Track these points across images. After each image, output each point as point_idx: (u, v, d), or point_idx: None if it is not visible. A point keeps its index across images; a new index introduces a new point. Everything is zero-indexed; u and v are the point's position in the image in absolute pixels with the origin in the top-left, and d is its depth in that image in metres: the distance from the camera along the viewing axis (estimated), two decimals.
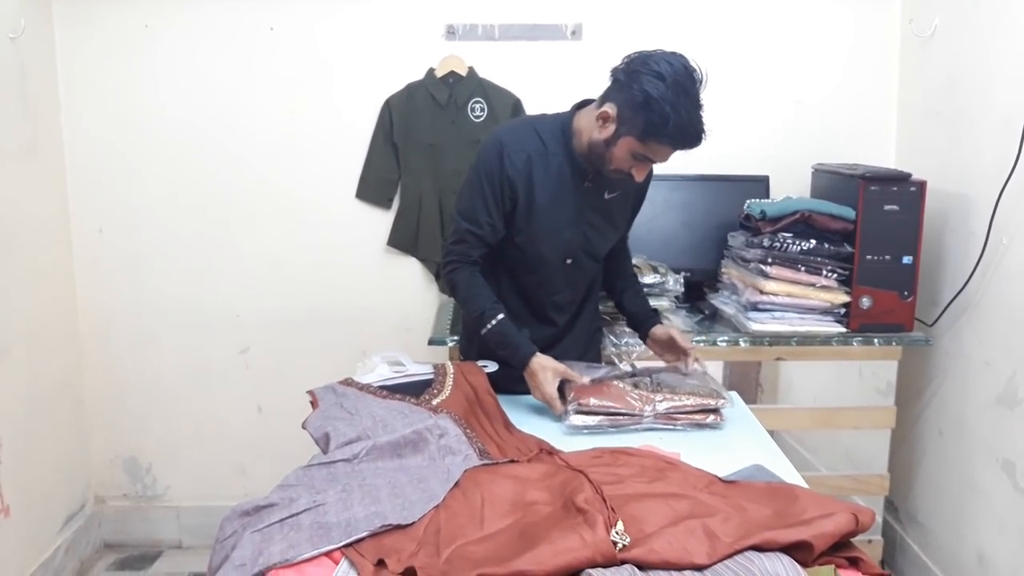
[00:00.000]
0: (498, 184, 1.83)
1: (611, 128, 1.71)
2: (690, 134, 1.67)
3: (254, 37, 2.74)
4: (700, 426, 1.75)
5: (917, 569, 2.63)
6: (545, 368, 1.80)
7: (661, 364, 2.01)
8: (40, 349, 2.65)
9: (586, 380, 1.80)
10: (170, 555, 2.98)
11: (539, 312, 1.98)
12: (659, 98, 1.63)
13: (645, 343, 2.08)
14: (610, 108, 1.70)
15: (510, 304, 1.92)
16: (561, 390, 1.80)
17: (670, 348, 1.99)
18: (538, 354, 1.82)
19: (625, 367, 1.95)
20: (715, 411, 1.77)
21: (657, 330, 2.03)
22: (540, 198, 1.84)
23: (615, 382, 1.80)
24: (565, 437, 1.70)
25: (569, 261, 1.92)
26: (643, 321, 2.06)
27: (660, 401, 1.74)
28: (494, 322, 1.84)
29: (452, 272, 1.90)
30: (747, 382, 3.08)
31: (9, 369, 2.49)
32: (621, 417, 1.73)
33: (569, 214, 1.86)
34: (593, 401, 1.73)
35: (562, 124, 1.85)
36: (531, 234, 1.87)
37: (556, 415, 1.78)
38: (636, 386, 1.79)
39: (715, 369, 3.02)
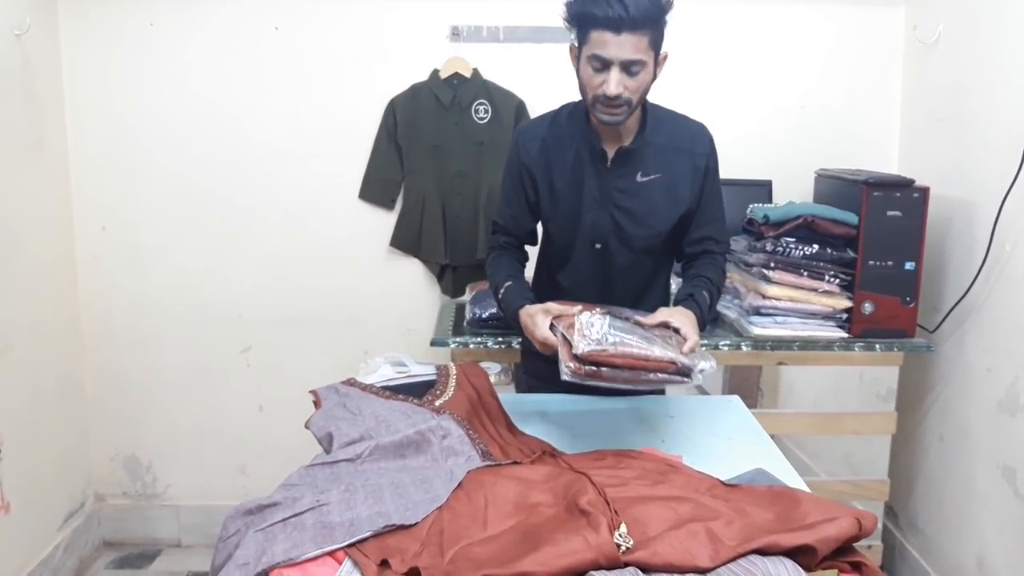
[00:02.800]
0: (517, 174, 1.87)
1: (575, 56, 1.72)
2: (609, 3, 1.57)
3: (259, 36, 2.75)
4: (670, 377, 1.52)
5: (917, 575, 2.63)
6: (533, 314, 1.65)
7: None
8: (41, 346, 2.65)
9: (577, 308, 1.60)
10: (169, 554, 2.97)
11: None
12: None
13: None
14: (573, 42, 1.72)
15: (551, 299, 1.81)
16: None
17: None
18: (527, 305, 1.71)
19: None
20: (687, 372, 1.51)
21: (674, 309, 1.70)
22: (559, 181, 1.83)
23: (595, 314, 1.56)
24: (567, 439, 1.70)
25: (598, 246, 1.86)
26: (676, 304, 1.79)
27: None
28: (503, 291, 1.81)
29: (488, 262, 1.94)
30: (748, 386, 3.08)
31: (10, 366, 2.49)
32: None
33: (592, 196, 1.82)
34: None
35: (579, 106, 1.83)
36: (556, 218, 1.87)
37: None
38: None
39: (715, 372, 3.02)
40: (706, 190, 1.85)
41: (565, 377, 1.48)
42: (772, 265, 2.38)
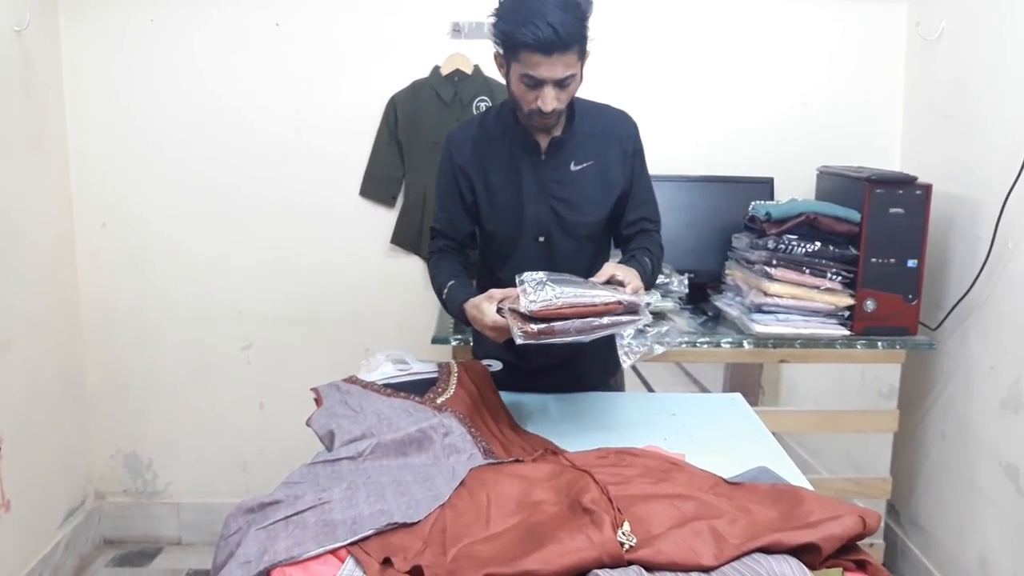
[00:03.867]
0: (451, 177, 1.87)
1: (503, 68, 1.74)
2: (538, 27, 1.58)
3: (260, 33, 2.74)
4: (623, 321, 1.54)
5: (919, 573, 2.62)
6: (478, 304, 1.66)
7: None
8: (42, 343, 2.65)
9: (517, 292, 1.57)
10: (170, 551, 2.97)
11: None
12: (503, 9, 1.66)
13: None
14: (498, 52, 1.73)
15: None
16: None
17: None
18: (470, 298, 1.71)
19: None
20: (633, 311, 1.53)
21: (615, 264, 1.72)
22: (495, 178, 1.84)
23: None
24: (569, 437, 1.69)
25: (541, 239, 1.87)
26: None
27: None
28: (446, 290, 1.81)
29: (428, 268, 1.95)
30: (749, 384, 3.07)
31: (10, 363, 2.48)
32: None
33: (531, 189, 1.84)
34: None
35: (506, 104, 1.86)
36: (495, 216, 1.87)
37: (510, 337, 1.56)
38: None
39: (717, 370, 3.03)
40: (636, 172, 1.90)
41: (519, 341, 1.49)
42: (774, 262, 2.37)
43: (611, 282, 1.61)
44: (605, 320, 1.49)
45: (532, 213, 1.85)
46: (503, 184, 1.84)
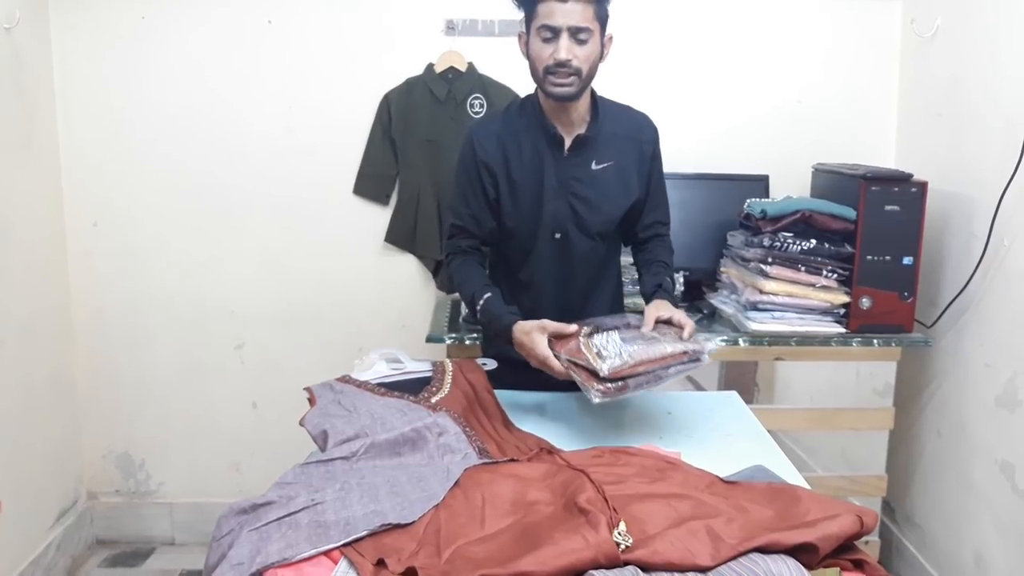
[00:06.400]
0: (474, 172, 1.86)
1: (524, 40, 1.78)
2: None
3: (252, 30, 2.72)
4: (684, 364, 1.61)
5: (914, 571, 2.62)
6: (529, 332, 1.68)
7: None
8: (33, 343, 2.63)
9: (572, 327, 1.66)
10: (163, 552, 2.95)
11: (537, 299, 1.91)
12: None
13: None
14: (522, 31, 1.79)
15: (518, 301, 1.87)
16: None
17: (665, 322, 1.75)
18: (519, 321, 1.72)
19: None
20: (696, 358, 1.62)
21: (653, 304, 1.77)
22: (517, 174, 1.85)
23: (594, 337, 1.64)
24: (565, 436, 1.68)
25: (558, 236, 1.88)
26: (647, 298, 1.87)
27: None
28: (482, 302, 1.80)
29: (448, 266, 1.94)
30: (744, 382, 3.06)
31: (1, 363, 2.46)
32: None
33: (551, 185, 1.84)
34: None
35: (529, 99, 1.88)
36: (516, 211, 1.87)
37: (559, 377, 1.63)
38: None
39: (712, 368, 3.02)
40: (653, 176, 1.94)
41: (596, 401, 1.54)
42: (769, 260, 2.37)
43: (666, 321, 1.69)
44: (672, 371, 1.58)
45: (551, 209, 1.86)
46: (525, 180, 1.85)
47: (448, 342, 2.37)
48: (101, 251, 2.83)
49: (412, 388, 1.73)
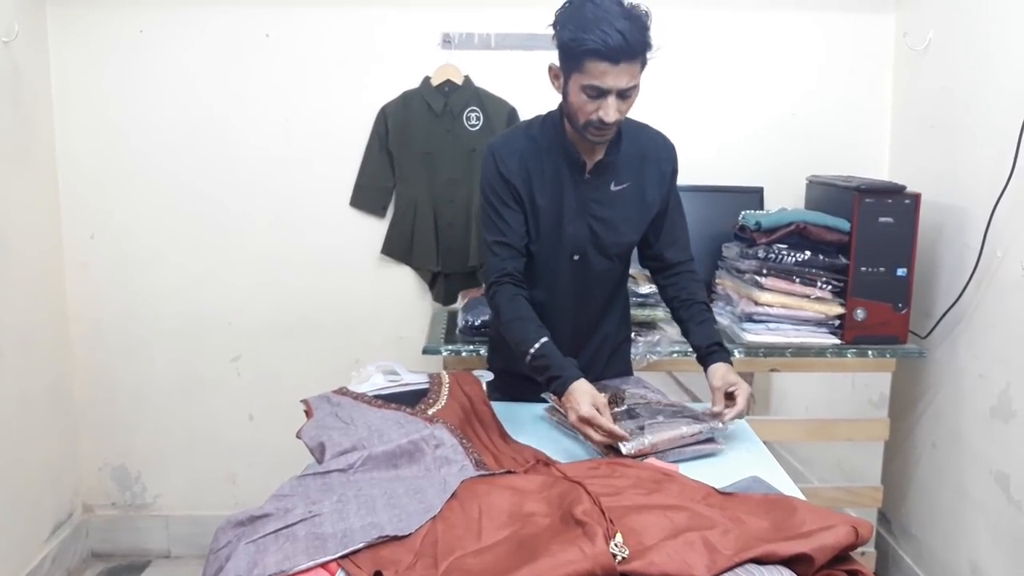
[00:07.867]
0: (502, 187, 1.82)
1: (560, 80, 1.73)
2: (607, 33, 1.58)
3: (249, 44, 2.73)
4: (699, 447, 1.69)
5: None
6: (584, 392, 1.64)
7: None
8: (30, 355, 2.63)
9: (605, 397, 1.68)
10: (159, 565, 2.94)
11: (553, 318, 1.87)
12: (566, 17, 1.65)
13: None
14: (553, 63, 1.72)
15: None
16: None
17: (726, 395, 1.79)
18: (583, 379, 1.67)
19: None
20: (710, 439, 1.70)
21: (718, 371, 1.81)
22: (539, 195, 1.82)
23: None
24: (561, 448, 1.69)
25: (576, 257, 1.87)
26: (704, 356, 1.87)
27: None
28: (538, 346, 1.71)
29: (494, 296, 1.83)
30: None
31: None
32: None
33: (571, 207, 1.83)
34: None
35: (551, 118, 1.85)
36: (538, 233, 1.85)
37: (593, 443, 1.62)
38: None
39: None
40: (672, 197, 1.93)
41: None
42: (764, 272, 2.38)
43: (726, 395, 1.77)
44: (688, 452, 1.66)
45: (571, 231, 1.84)
46: (547, 202, 1.83)
47: (444, 354, 2.37)
48: (98, 263, 2.83)
49: (409, 400, 1.73)
